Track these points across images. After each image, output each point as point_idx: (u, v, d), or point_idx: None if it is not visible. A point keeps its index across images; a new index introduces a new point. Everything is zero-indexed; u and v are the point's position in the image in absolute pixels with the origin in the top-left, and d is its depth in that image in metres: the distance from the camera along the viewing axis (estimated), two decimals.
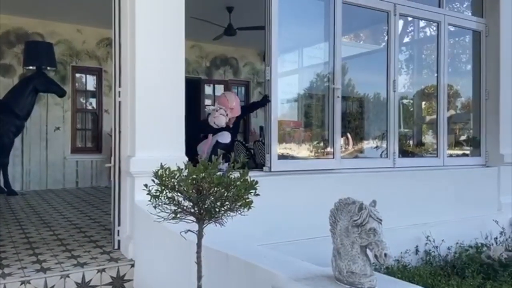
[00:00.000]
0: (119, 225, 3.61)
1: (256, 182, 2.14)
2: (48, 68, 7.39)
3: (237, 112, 4.69)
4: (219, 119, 4.50)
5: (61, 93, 7.26)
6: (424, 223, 4.79)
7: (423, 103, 7.03)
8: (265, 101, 4.28)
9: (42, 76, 7.09)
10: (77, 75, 8.35)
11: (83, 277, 3.03)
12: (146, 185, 2.14)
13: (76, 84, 8.33)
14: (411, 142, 6.56)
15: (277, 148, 4.23)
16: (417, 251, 4.76)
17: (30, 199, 6.55)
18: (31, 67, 7.26)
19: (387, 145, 5.11)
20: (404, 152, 5.96)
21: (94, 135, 8.53)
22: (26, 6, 6.87)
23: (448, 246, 4.87)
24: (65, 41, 7.92)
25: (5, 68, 7.43)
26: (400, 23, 6.11)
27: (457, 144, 6.94)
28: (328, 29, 4.72)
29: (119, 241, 3.61)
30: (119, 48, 3.62)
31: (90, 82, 8.62)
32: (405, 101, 6.61)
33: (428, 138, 6.86)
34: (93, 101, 8.63)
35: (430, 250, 4.76)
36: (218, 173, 2.12)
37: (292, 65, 5.90)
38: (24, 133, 7.39)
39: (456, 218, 5.09)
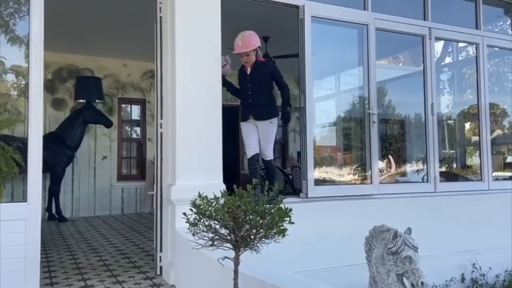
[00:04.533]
0: (161, 251, 3.75)
1: (290, 210, 2.20)
2: (97, 100, 7.89)
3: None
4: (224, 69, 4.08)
5: (109, 124, 7.71)
6: (469, 250, 4.61)
7: (469, 123, 6.84)
8: (286, 118, 4.25)
9: (91, 108, 7.57)
10: (123, 106, 8.81)
11: None
12: (184, 214, 2.25)
13: (122, 115, 8.79)
14: (454, 165, 6.38)
15: (314, 174, 4.27)
16: (463, 279, 4.57)
17: (79, 225, 6.88)
18: (81, 100, 7.77)
19: (427, 169, 5.01)
20: (447, 175, 5.81)
21: (138, 163, 8.89)
22: (77, 45, 7.41)
23: (496, 273, 4.65)
24: (112, 75, 8.42)
25: (58, 102, 7.98)
26: (441, 43, 6.07)
27: (507, 166, 6.65)
28: (362, 55, 4.78)
29: (161, 267, 3.74)
30: (160, 83, 3.86)
31: (135, 112, 9.06)
32: (448, 121, 6.48)
33: (472, 161, 6.64)
34: (137, 129, 9.04)
35: (477, 278, 4.56)
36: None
37: (328, 90, 5.98)
38: (74, 163, 7.83)
39: (504, 244, 4.85)
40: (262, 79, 4.08)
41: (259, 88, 4.08)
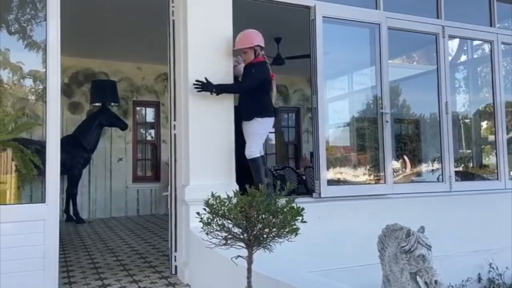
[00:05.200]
0: (175, 251, 3.80)
1: (302, 209, 2.22)
2: (112, 103, 8.02)
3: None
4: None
5: (124, 127, 7.84)
6: (486, 250, 4.56)
7: (485, 122, 6.75)
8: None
9: (107, 111, 7.69)
10: (138, 108, 8.93)
11: None
12: (198, 213, 2.29)
13: (137, 117, 8.91)
14: (470, 164, 6.30)
15: (326, 174, 4.27)
16: (479, 279, 4.52)
17: (96, 226, 7.00)
18: (97, 104, 7.91)
19: (442, 168, 4.97)
20: (463, 174, 5.74)
21: (153, 164, 9.00)
22: (93, 49, 7.55)
23: None
24: (126, 78, 8.54)
25: (75, 106, 8.13)
26: (456, 41, 6.02)
27: None
28: (375, 55, 4.77)
29: (176, 267, 3.79)
30: (173, 85, 3.91)
31: (149, 115, 9.18)
32: (464, 120, 6.41)
33: (489, 160, 6.55)
34: (152, 132, 9.16)
35: (493, 278, 4.51)
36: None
37: (340, 90, 5.97)
38: (91, 165, 7.96)
39: None
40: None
41: None
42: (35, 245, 3.21)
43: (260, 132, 3.85)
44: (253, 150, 3.78)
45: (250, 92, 3.81)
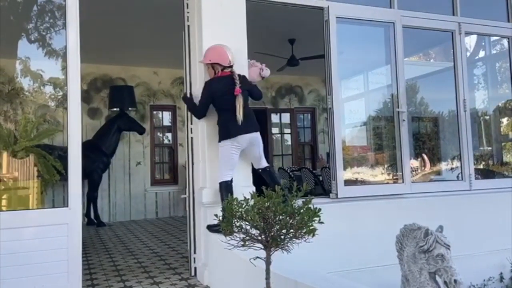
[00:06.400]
0: (194, 253, 3.85)
1: (319, 210, 2.23)
2: (130, 108, 8.15)
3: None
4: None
5: (142, 131, 7.96)
6: (507, 248, 4.48)
7: (506, 119, 6.64)
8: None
9: (125, 116, 7.83)
10: (154, 112, 9.05)
11: None
12: (216, 215, 2.33)
13: (154, 121, 9.03)
14: (490, 162, 6.20)
15: (343, 174, 4.26)
16: (501, 278, 4.45)
17: (116, 229, 7.12)
18: (115, 109, 8.06)
19: (461, 167, 4.90)
20: (483, 172, 5.65)
21: (171, 168, 9.10)
22: (111, 56, 7.69)
23: None
24: (143, 83, 8.67)
25: (93, 111, 8.29)
26: (474, 37, 5.95)
27: None
28: (390, 54, 4.74)
29: (195, 268, 3.84)
30: (190, 88, 3.97)
31: (166, 118, 9.29)
32: (484, 117, 6.32)
33: (510, 157, 6.43)
34: (169, 135, 9.27)
35: None
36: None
37: (356, 90, 5.95)
38: (110, 169, 8.10)
39: None
40: None
41: None
42: (59, 249, 3.29)
43: (223, 156, 3.57)
44: (219, 174, 3.55)
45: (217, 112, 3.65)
